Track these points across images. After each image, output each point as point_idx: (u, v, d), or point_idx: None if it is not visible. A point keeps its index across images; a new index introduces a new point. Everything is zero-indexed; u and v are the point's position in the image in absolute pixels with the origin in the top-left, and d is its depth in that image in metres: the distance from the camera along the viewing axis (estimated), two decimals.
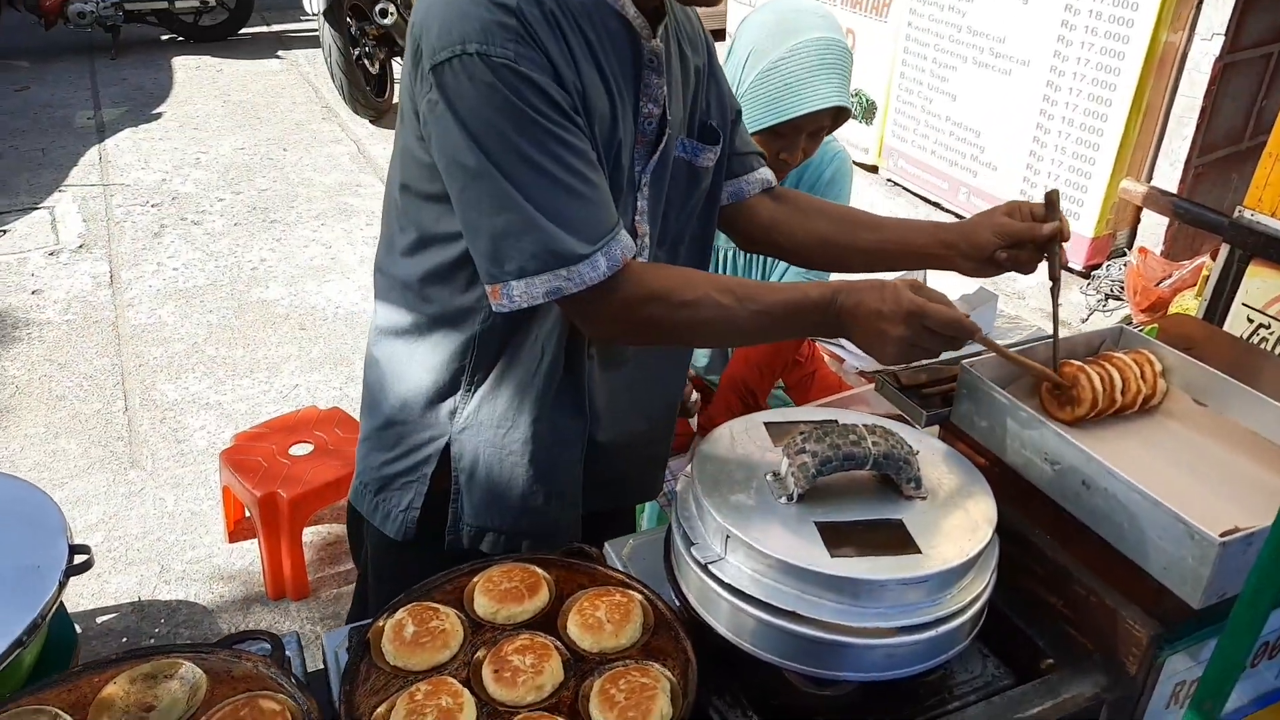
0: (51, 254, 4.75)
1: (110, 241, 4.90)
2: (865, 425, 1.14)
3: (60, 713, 1.00)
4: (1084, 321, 4.35)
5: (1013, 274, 1.33)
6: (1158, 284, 3.58)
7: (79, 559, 1.62)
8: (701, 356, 2.18)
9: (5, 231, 4.96)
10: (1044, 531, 1.21)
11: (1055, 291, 1.27)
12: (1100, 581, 1.13)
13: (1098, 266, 4.52)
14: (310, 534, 2.90)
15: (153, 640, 2.55)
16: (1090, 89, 4.27)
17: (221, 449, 2.91)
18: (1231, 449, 1.25)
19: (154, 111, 6.80)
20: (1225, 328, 2.50)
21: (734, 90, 1.78)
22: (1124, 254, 4.47)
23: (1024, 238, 1.27)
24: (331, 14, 6.14)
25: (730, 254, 2.04)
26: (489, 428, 1.35)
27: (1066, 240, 1.27)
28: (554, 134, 1.10)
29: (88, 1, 7.37)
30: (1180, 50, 4.10)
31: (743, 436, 1.23)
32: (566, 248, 1.12)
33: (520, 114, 1.08)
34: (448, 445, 1.37)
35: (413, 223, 1.27)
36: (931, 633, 1.02)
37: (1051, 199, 1.26)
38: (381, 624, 1.12)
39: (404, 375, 1.38)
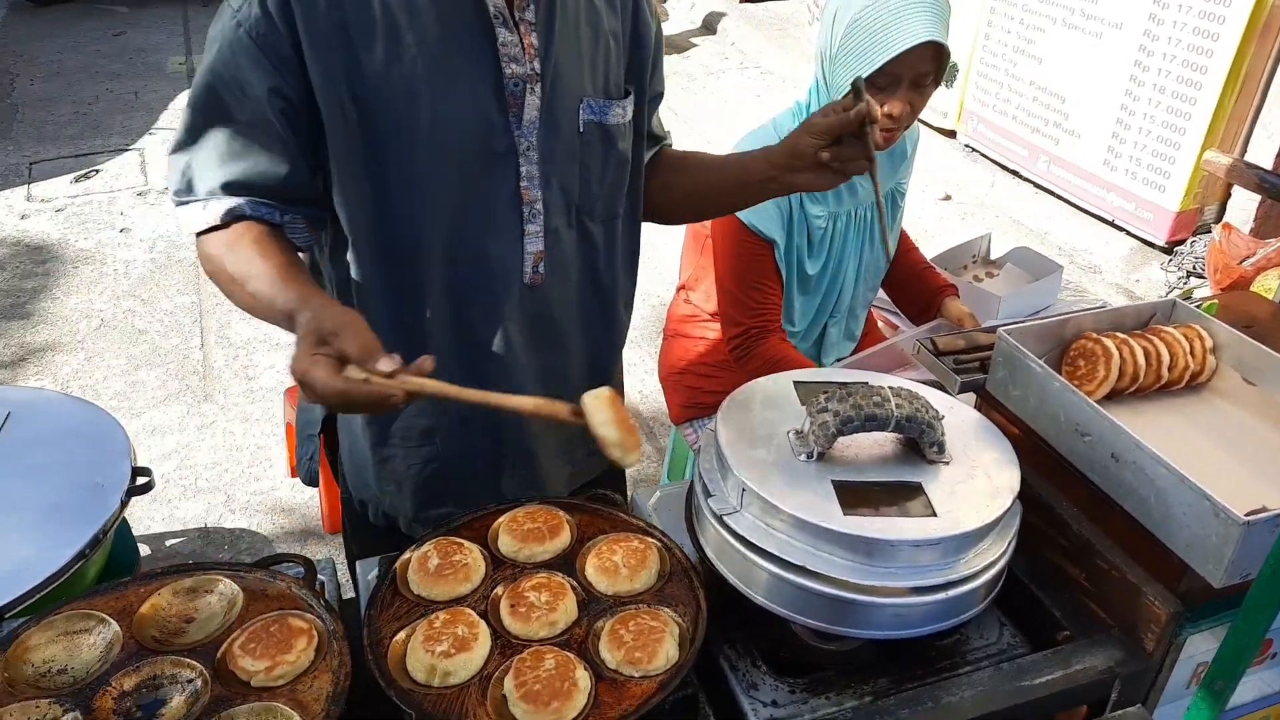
0: (140, 194, 4.94)
1: None
2: (892, 387, 1.13)
3: (107, 618, 1.07)
4: (1162, 298, 4.19)
5: (1088, 247, 1.28)
6: (1240, 262, 3.41)
7: (140, 480, 1.72)
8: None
9: (98, 171, 5.18)
10: (1071, 503, 1.19)
11: (873, 172, 1.24)
12: (1123, 556, 1.11)
13: (1182, 242, 4.34)
14: None
15: None
16: (1185, 55, 4.06)
17: (288, 387, 3.02)
18: (1277, 429, 1.21)
19: None
20: None
21: (827, 55, 1.71)
22: (1211, 230, 4.27)
23: (838, 130, 1.23)
24: None
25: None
26: None
27: (875, 121, 1.21)
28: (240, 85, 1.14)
29: None
30: None
31: (770, 393, 1.24)
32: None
33: (224, 61, 1.14)
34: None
35: None
36: (942, 595, 1.02)
37: (856, 85, 1.22)
38: (409, 556, 1.16)
39: None
